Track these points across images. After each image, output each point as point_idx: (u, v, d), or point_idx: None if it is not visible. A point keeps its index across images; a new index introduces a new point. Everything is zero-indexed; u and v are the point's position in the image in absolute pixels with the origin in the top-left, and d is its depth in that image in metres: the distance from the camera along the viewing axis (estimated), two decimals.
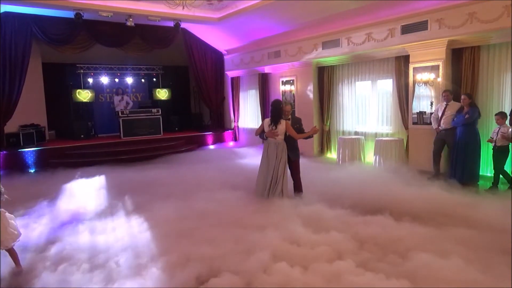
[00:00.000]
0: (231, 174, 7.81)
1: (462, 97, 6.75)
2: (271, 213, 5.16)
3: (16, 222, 3.89)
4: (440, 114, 7.18)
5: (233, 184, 6.81)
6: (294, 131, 5.74)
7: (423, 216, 4.97)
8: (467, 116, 6.60)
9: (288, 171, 5.94)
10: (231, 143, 13.16)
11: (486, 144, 6.83)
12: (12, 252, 3.74)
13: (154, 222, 4.97)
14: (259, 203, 5.61)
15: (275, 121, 5.68)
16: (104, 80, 12.94)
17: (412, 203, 5.43)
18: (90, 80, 12.66)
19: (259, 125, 6.08)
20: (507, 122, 6.29)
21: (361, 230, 4.47)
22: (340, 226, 4.61)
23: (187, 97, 15.43)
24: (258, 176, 5.98)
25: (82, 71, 12.31)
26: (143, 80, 13.93)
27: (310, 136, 6.03)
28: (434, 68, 7.47)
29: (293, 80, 10.90)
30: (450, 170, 6.92)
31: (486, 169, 7.18)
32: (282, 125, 5.65)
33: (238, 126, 13.53)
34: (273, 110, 5.72)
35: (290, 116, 5.90)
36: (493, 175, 6.56)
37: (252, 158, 9.62)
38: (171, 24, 10.85)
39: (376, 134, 9.14)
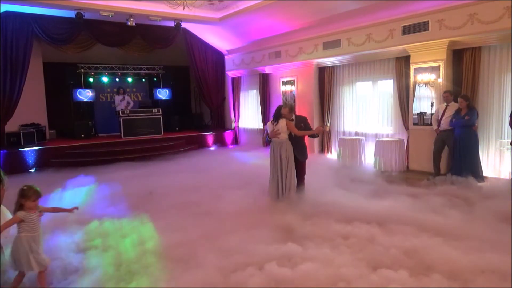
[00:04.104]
0: (237, 176, 7.82)
1: (459, 99, 6.78)
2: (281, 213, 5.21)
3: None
4: (440, 115, 7.19)
5: (239, 186, 6.83)
6: (295, 127, 5.75)
7: None
8: (467, 117, 6.63)
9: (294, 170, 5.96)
10: (231, 146, 13.13)
11: (484, 145, 6.86)
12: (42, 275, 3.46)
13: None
14: (269, 204, 5.66)
15: (276, 119, 5.80)
16: (105, 79, 12.97)
17: None
18: (91, 80, 12.69)
19: (264, 130, 6.15)
20: (507, 123, 6.29)
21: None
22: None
23: (188, 97, 15.44)
24: (270, 178, 5.99)
25: (83, 71, 12.32)
26: (143, 80, 13.95)
27: (316, 135, 6.01)
28: (435, 69, 7.47)
29: (293, 81, 10.90)
30: (452, 171, 6.90)
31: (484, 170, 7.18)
32: (282, 122, 5.73)
33: (238, 126, 13.53)
34: (275, 111, 5.92)
35: (292, 118, 5.89)
36: None
37: (253, 158, 9.65)
38: (172, 24, 10.85)
39: (376, 135, 9.13)
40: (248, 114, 13.30)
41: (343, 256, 3.79)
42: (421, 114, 7.86)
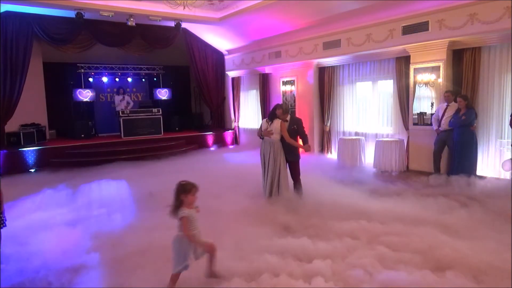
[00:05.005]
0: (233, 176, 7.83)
1: (458, 99, 6.79)
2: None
3: None
4: (440, 115, 7.19)
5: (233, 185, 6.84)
6: (287, 132, 5.74)
7: None
8: (463, 117, 6.64)
9: (289, 172, 5.95)
10: (231, 146, 13.13)
11: (484, 145, 6.87)
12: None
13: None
14: (267, 203, 5.66)
15: (271, 118, 5.81)
16: (105, 79, 12.98)
17: None
18: (91, 80, 12.70)
19: (259, 127, 6.15)
20: (507, 123, 6.30)
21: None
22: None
23: (188, 97, 15.44)
24: (261, 176, 6.01)
25: (83, 71, 12.33)
26: (143, 80, 13.96)
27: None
28: (435, 69, 7.46)
29: (293, 81, 10.90)
30: (453, 171, 6.93)
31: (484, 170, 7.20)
32: (277, 123, 5.72)
33: (238, 127, 13.53)
34: (271, 110, 5.94)
35: (287, 118, 5.87)
36: None
37: (253, 158, 9.63)
38: (172, 24, 10.86)
39: (376, 135, 9.13)
40: (248, 114, 13.30)
41: (346, 255, 3.79)
42: (421, 114, 7.86)
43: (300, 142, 6.08)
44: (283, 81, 11.27)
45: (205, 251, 3.31)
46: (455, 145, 6.83)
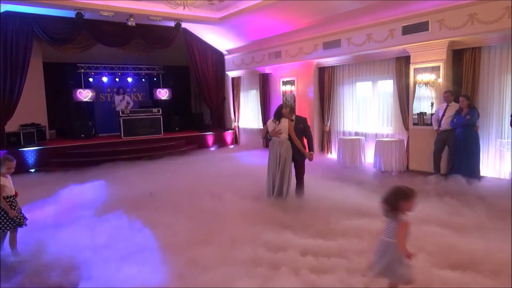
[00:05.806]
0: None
1: (461, 99, 6.80)
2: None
3: None
4: (440, 115, 7.20)
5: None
6: (294, 132, 5.75)
7: None
8: (468, 117, 6.65)
9: (293, 171, 5.94)
10: (231, 146, 13.13)
11: (484, 145, 6.88)
12: None
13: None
14: (268, 203, 5.64)
15: (277, 118, 5.78)
16: (105, 79, 12.98)
17: None
18: (91, 80, 12.70)
19: (263, 128, 6.13)
20: (507, 123, 6.31)
21: None
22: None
23: (188, 97, 15.44)
24: (267, 177, 5.98)
25: (83, 71, 12.33)
26: (143, 80, 13.96)
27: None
28: (435, 69, 7.47)
29: (293, 81, 10.90)
30: (453, 170, 6.92)
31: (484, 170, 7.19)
32: (285, 123, 5.71)
33: (238, 127, 13.53)
34: (277, 110, 5.90)
35: (293, 118, 5.87)
36: None
37: (253, 158, 9.65)
38: (172, 24, 10.86)
39: (376, 135, 9.13)
40: (248, 114, 13.30)
41: (354, 253, 3.79)
42: (421, 114, 7.86)
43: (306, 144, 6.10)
44: (283, 81, 11.27)
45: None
46: (459, 145, 6.81)
